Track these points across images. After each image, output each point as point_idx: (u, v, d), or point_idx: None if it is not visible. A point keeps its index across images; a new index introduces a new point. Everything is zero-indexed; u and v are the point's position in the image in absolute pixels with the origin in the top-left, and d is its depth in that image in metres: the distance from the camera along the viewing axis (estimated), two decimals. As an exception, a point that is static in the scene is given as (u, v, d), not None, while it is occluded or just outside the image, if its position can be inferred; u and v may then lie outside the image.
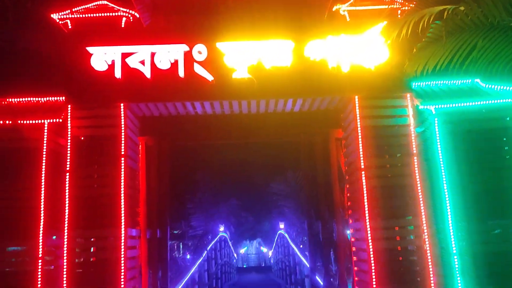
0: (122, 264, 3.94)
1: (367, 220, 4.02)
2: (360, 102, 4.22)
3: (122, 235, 3.99)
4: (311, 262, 4.81)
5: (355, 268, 4.38)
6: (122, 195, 4.04)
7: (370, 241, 3.96)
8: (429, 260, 3.97)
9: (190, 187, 18.35)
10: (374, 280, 3.88)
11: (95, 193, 4.05)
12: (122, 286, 3.91)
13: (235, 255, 26.67)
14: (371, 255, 3.93)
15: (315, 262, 4.78)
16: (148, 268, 4.53)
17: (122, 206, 4.03)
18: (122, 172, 4.06)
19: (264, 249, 34.78)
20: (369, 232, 3.99)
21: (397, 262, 4.02)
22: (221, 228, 15.50)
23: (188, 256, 18.29)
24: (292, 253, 12.16)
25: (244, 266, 32.40)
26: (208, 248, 11.08)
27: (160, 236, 4.69)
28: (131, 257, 4.22)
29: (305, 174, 4.85)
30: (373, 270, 3.90)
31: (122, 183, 4.05)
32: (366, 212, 4.03)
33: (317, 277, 5.12)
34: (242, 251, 34.93)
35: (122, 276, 3.92)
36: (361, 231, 4.19)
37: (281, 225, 15.68)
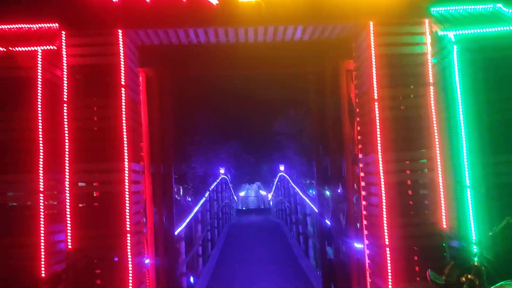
0: (127, 198, 3.83)
1: (379, 153, 3.87)
2: (375, 29, 3.95)
3: (126, 168, 3.85)
4: (319, 202, 4.72)
5: (364, 202, 4.29)
6: (124, 127, 3.86)
7: (382, 174, 3.84)
8: (442, 194, 3.87)
9: (191, 130, 18.28)
10: (385, 213, 3.79)
11: (95, 126, 3.87)
12: (128, 220, 3.82)
13: (235, 198, 27.10)
14: (383, 189, 3.82)
15: (322, 203, 4.69)
16: (152, 204, 4.44)
17: (125, 139, 3.86)
18: (123, 103, 3.85)
19: (264, 193, 35.42)
20: (381, 165, 3.85)
21: (408, 196, 3.92)
22: (222, 171, 15.54)
23: (189, 199, 18.51)
24: (293, 193, 12.23)
25: (244, 209, 33.10)
26: (210, 189, 11.11)
27: (164, 172, 4.56)
28: (136, 192, 4.11)
29: (313, 108, 4.66)
30: (384, 204, 3.81)
31: (124, 115, 3.86)
32: (379, 144, 3.87)
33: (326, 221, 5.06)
34: (242, 194, 35.56)
35: (127, 210, 3.82)
36: (372, 164, 4.05)
37: (282, 168, 15.71)
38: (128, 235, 3.82)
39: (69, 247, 3.79)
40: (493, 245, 3.25)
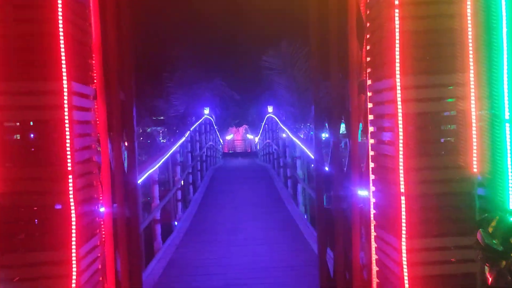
0: (67, 129, 2.92)
1: (398, 76, 2.97)
2: None
3: (65, 89, 2.91)
4: (316, 144, 3.85)
5: (372, 140, 3.45)
6: (61, 34, 2.89)
7: (399, 103, 2.97)
8: (474, 130, 3.03)
9: (170, 65, 16.98)
10: (401, 153, 2.96)
11: (19, 31, 2.88)
12: (69, 157, 2.94)
13: (221, 140, 26.36)
14: (400, 122, 2.97)
15: (320, 145, 3.83)
16: (107, 137, 3.54)
17: (62, 49, 2.90)
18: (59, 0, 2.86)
19: (251, 136, 34.82)
20: (399, 91, 2.97)
21: (431, 131, 3.08)
22: (206, 111, 14.58)
23: (163, 140, 17.56)
24: (282, 136, 11.44)
25: (230, 152, 32.66)
26: (192, 129, 10.22)
27: (123, 98, 3.63)
28: (82, 122, 3.21)
29: (312, 24, 3.67)
30: (401, 141, 2.97)
31: (60, 17, 2.87)
32: (397, 64, 2.97)
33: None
34: (229, 137, 34.92)
35: (68, 145, 2.93)
36: (385, 92, 3.18)
37: (270, 109, 14.82)
38: (70, 176, 2.95)
39: (-5, 191, 2.92)
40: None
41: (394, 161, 3.06)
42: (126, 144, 3.68)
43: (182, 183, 8.54)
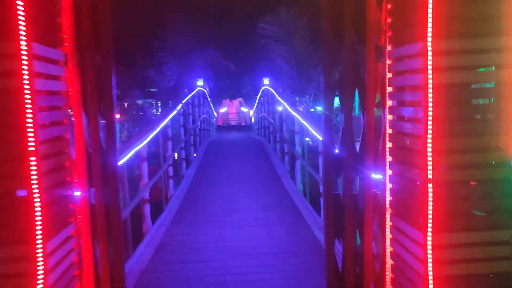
0: (28, 100, 2.40)
1: (429, 39, 2.46)
2: None
3: (23, 52, 2.38)
4: (326, 122, 3.35)
5: (391, 116, 2.96)
6: (16, -18, 2.34)
7: (430, 71, 2.47)
8: (516, 103, 2.54)
9: (161, 33, 16.11)
10: (430, 132, 2.48)
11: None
12: (31, 134, 2.43)
13: (215, 113, 25.81)
14: (430, 95, 2.48)
15: (329, 123, 3.33)
16: (82, 111, 3.03)
17: (19, 0, 2.35)
18: None
19: (245, 109, 34.27)
20: (430, 57, 2.47)
21: (466, 106, 2.59)
22: (200, 82, 13.98)
23: (153, 111, 16.93)
24: (279, 109, 10.93)
25: (225, 125, 32.17)
26: (184, 102, 9.66)
27: (100, 64, 3.10)
28: (48, 92, 2.69)
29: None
30: (430, 117, 2.49)
31: (14, -40, 2.31)
32: (429, 25, 2.45)
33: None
34: (223, 110, 34.34)
35: (30, 119, 2.42)
36: (410, 59, 2.68)
37: (266, 81, 14.24)
38: (33, 158, 2.45)
39: None
40: None
41: (419, 141, 2.58)
42: (104, 118, 3.16)
43: (176, 157, 8.07)
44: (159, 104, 18.03)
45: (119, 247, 3.18)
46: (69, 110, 3.00)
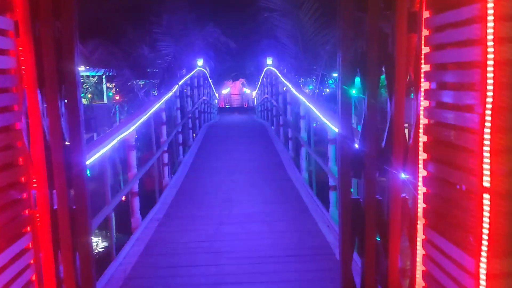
0: None
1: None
2: None
3: None
4: (343, 110, 2.70)
5: (426, 102, 2.34)
6: None
7: (491, 42, 1.83)
8: None
9: (157, 8, 15.24)
10: (488, 125, 1.86)
11: None
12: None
13: (217, 95, 25.15)
14: (490, 74, 1.85)
15: (347, 111, 2.69)
16: (38, 94, 2.41)
17: None
18: None
19: (248, 90, 33.60)
20: (491, 22, 1.83)
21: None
22: (199, 62, 13.29)
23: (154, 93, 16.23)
24: (283, 90, 10.27)
25: (227, 107, 31.58)
26: (181, 83, 9.01)
27: (59, 33, 2.47)
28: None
29: None
30: (489, 104, 1.86)
31: None
32: (491, -21, 1.81)
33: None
34: (225, 91, 33.69)
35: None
36: (456, 28, 2.04)
37: (269, 61, 13.54)
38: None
39: None
40: None
41: (470, 136, 1.96)
42: (67, 100, 2.54)
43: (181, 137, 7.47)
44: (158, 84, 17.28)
45: (88, 263, 2.60)
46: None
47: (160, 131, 6.93)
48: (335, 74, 17.95)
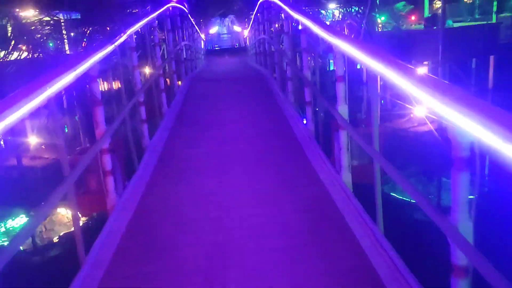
0: None
1: None
2: None
3: None
4: None
5: None
6: None
7: None
8: None
9: None
10: None
11: None
12: None
13: (203, 36, 21.77)
14: None
15: None
16: None
17: None
18: None
19: (238, 28, 30.11)
20: None
21: None
22: (174, -4, 9.99)
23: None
24: (291, 30, 7.25)
25: (216, 48, 28.32)
26: (137, 27, 5.95)
27: None
28: None
29: None
30: None
31: None
32: None
33: None
34: (213, 31, 30.19)
35: None
36: None
37: (265, -10, 10.22)
38: None
39: None
40: None
41: None
42: None
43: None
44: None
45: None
46: None
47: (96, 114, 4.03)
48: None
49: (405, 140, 13.27)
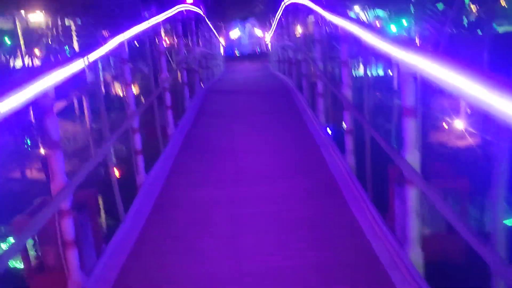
0: None
1: None
2: None
3: None
4: None
5: None
6: None
7: None
8: None
9: None
10: None
11: None
12: None
13: (222, 40, 20.68)
14: None
15: None
16: None
17: None
18: None
19: (259, 32, 28.99)
20: None
21: None
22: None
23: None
24: (323, 37, 6.01)
25: (237, 54, 27.32)
26: (132, 33, 4.78)
27: None
28: None
29: None
30: None
31: None
32: None
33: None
34: (233, 35, 29.17)
35: None
36: None
37: (290, -9, 8.99)
38: None
39: None
40: None
41: None
42: None
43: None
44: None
45: None
46: None
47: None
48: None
49: (447, 157, 11.88)
